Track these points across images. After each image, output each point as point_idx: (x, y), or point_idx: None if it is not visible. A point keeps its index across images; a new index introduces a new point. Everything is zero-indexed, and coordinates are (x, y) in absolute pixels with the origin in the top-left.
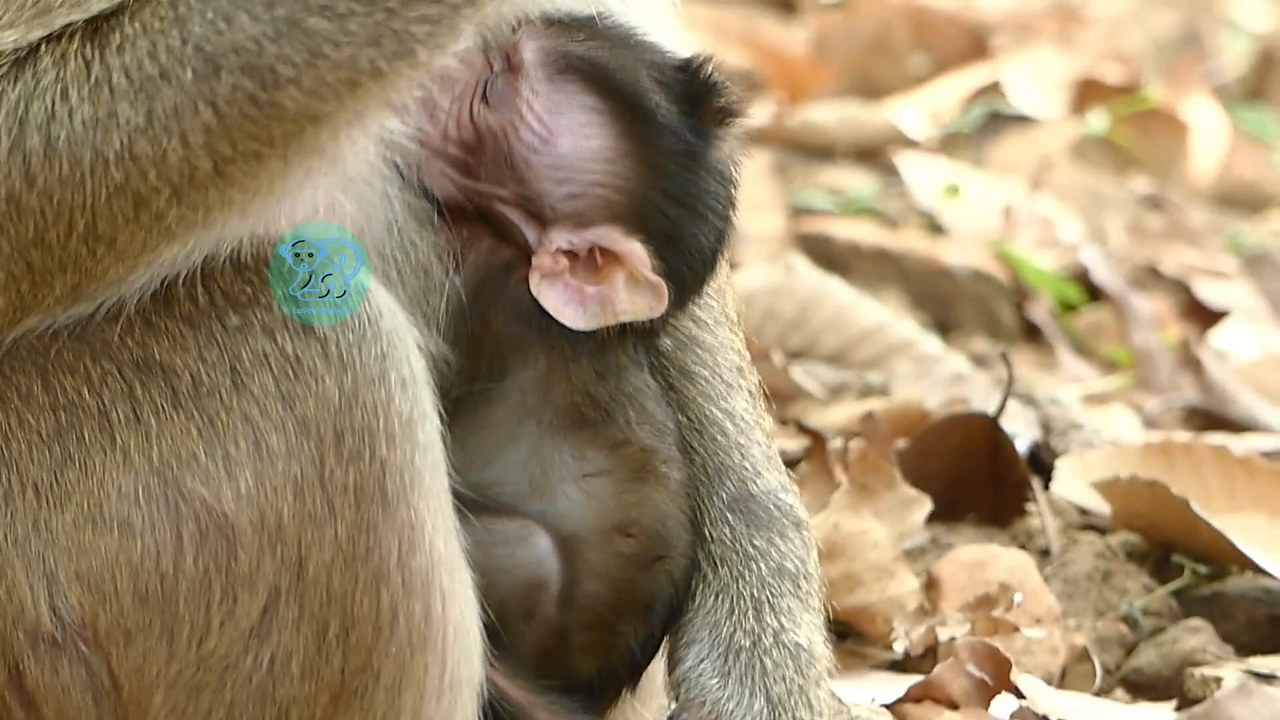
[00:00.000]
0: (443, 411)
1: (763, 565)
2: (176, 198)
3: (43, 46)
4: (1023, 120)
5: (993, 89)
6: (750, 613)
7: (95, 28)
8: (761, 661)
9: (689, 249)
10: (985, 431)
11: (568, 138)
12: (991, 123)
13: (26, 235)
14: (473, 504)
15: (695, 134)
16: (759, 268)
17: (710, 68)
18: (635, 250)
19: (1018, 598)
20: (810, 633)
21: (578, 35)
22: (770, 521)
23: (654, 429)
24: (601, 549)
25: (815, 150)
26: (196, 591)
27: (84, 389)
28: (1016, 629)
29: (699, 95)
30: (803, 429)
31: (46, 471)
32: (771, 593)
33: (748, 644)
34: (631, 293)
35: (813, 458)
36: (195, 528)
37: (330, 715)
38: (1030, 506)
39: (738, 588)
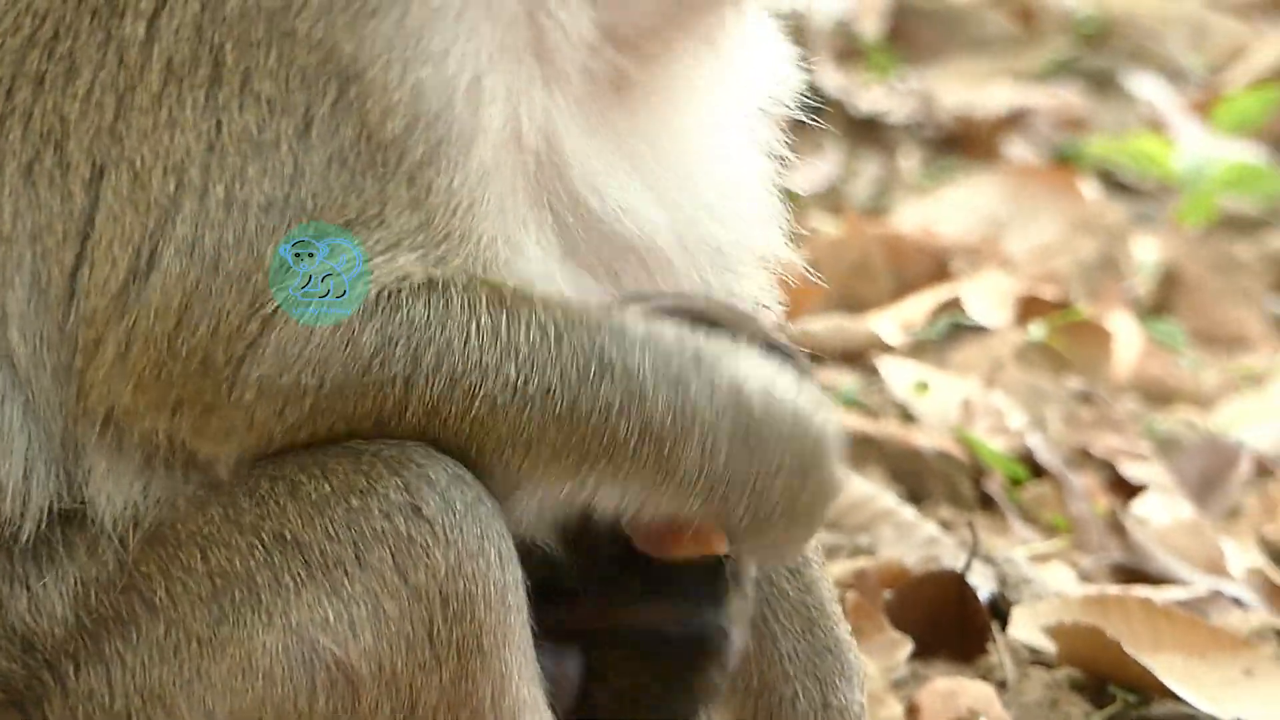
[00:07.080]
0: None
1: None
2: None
3: (451, 288)
4: (978, 330)
5: (953, 304)
6: None
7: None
8: None
9: None
10: (954, 585)
11: None
12: (953, 332)
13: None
14: None
15: None
16: None
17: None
18: None
19: None
20: None
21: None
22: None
23: None
24: None
25: (810, 354)
26: None
27: (235, 559)
28: None
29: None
30: None
31: (206, 627)
32: None
33: None
34: None
35: None
36: (326, 677)
37: None
38: (991, 646)
39: None
